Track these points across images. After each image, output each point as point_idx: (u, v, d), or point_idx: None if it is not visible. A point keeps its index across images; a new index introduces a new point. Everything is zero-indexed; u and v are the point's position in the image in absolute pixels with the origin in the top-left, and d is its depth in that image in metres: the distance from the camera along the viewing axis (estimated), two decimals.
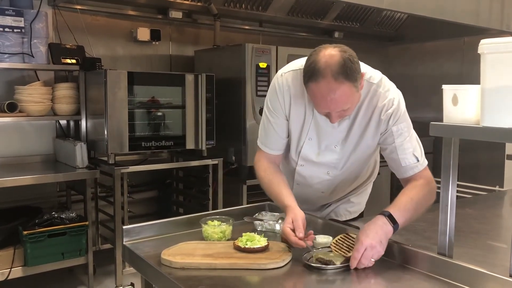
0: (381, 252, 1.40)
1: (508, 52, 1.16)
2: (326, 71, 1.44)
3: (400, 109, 1.64)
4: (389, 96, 1.64)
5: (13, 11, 3.14)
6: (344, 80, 1.45)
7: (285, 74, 1.71)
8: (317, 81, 1.46)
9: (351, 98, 1.51)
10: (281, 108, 1.71)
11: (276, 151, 1.79)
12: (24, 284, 3.27)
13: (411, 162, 1.63)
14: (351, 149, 1.71)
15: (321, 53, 1.48)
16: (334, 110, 1.53)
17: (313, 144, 1.73)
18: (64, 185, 3.65)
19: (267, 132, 1.77)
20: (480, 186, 4.88)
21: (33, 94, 3.28)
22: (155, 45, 4.09)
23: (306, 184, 1.85)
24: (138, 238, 1.63)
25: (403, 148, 1.62)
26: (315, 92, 1.50)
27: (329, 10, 4.68)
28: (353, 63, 1.47)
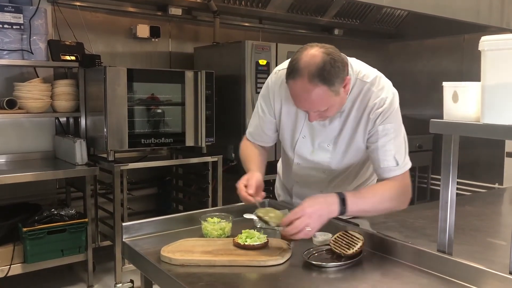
0: (317, 227, 1.43)
1: (508, 49, 1.16)
2: (303, 71, 1.45)
3: (390, 109, 1.62)
4: (381, 95, 1.61)
5: (12, 7, 3.13)
6: (319, 83, 1.45)
7: (279, 71, 1.73)
8: (294, 79, 1.48)
9: (326, 101, 1.50)
10: (271, 105, 1.75)
11: (262, 143, 1.86)
12: (24, 281, 3.27)
13: (390, 164, 1.59)
14: (343, 149, 1.70)
15: (305, 52, 1.48)
16: (309, 110, 1.55)
17: (307, 142, 1.74)
18: (63, 182, 3.65)
19: (255, 125, 1.84)
20: (480, 184, 4.90)
21: (32, 91, 3.28)
22: (154, 42, 4.08)
23: (304, 182, 1.85)
24: (137, 235, 1.63)
25: (385, 149, 1.60)
26: (291, 89, 1.52)
27: (329, 7, 4.68)
28: (333, 67, 1.45)
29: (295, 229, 1.40)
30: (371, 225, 1.80)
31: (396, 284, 1.28)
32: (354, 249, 1.40)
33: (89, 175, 3.29)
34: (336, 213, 1.47)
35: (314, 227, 1.42)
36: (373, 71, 1.68)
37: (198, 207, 3.60)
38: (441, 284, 1.27)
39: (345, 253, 1.40)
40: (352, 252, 1.39)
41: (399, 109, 1.66)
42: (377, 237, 1.51)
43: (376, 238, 1.51)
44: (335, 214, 1.47)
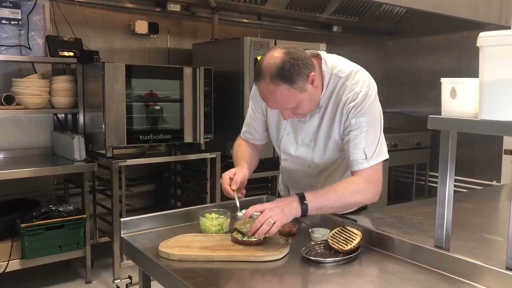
0: (282, 219, 1.44)
1: (506, 45, 1.16)
2: (265, 73, 1.51)
3: (363, 103, 1.62)
4: (355, 89, 1.63)
5: (10, 2, 3.12)
6: (281, 82, 1.50)
7: None
8: (259, 82, 1.54)
9: (292, 99, 1.54)
10: (258, 105, 1.84)
11: (255, 141, 1.92)
12: (22, 277, 3.27)
13: (358, 157, 1.61)
14: (323, 143, 1.73)
15: (267, 55, 1.54)
16: (278, 109, 1.62)
17: (290, 139, 1.80)
18: (61, 178, 3.65)
19: (247, 123, 1.92)
20: (477, 181, 4.91)
21: (30, 86, 3.27)
22: (153, 38, 4.08)
23: (294, 178, 1.91)
24: (135, 230, 1.63)
25: (355, 142, 1.62)
26: (259, 92, 1.59)
27: (328, 4, 4.67)
28: (292, 66, 1.49)
29: (258, 222, 1.41)
30: (368, 221, 1.81)
31: (394, 279, 1.29)
32: (352, 244, 1.41)
33: (87, 171, 3.29)
34: (298, 210, 1.49)
35: (277, 219, 1.43)
36: (350, 66, 1.71)
37: (197, 203, 3.59)
38: (438, 280, 1.27)
39: (343, 249, 1.40)
40: (350, 248, 1.40)
41: (376, 103, 1.67)
42: (375, 233, 1.51)
43: (374, 234, 1.51)
44: (297, 210, 1.49)
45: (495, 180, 4.78)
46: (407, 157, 5.13)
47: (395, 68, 5.84)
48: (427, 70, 5.46)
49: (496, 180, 4.79)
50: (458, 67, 5.09)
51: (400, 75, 5.78)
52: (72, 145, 3.27)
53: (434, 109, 1.33)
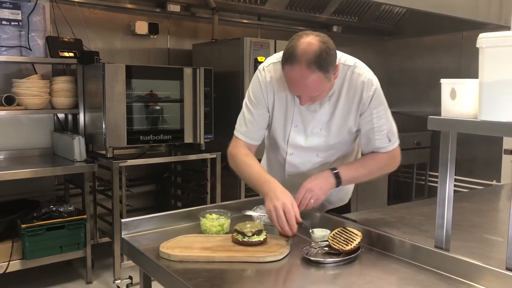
0: (321, 197, 1.63)
1: (506, 46, 1.16)
2: (302, 58, 1.53)
3: (378, 90, 1.73)
4: (367, 76, 1.72)
5: (10, 3, 3.13)
6: (316, 70, 1.54)
7: (266, 67, 1.80)
8: (292, 65, 1.55)
9: (320, 87, 1.60)
10: (263, 100, 1.80)
11: (255, 141, 1.86)
12: (23, 278, 3.27)
13: (384, 143, 1.76)
14: (337, 131, 1.78)
15: (301, 39, 1.56)
16: (302, 94, 1.63)
17: (299, 131, 1.80)
18: (62, 179, 3.65)
19: (248, 122, 1.84)
20: (477, 181, 4.91)
21: (31, 87, 3.27)
22: (153, 38, 4.08)
23: (297, 173, 1.88)
24: (136, 231, 1.63)
25: (380, 130, 1.74)
26: (288, 75, 1.59)
27: (328, 4, 4.67)
28: (328, 55, 1.55)
29: (302, 205, 1.57)
30: (368, 221, 1.81)
31: (394, 280, 1.29)
32: (352, 245, 1.41)
33: (87, 172, 3.29)
34: (333, 183, 1.66)
35: (319, 197, 1.61)
36: (351, 57, 1.79)
37: (197, 203, 3.59)
38: (438, 280, 1.27)
39: (343, 249, 1.41)
40: (350, 248, 1.40)
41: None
42: (375, 233, 1.51)
43: (374, 234, 1.51)
44: (333, 184, 1.66)
45: (495, 180, 4.79)
46: (407, 157, 5.08)
47: (395, 68, 5.84)
48: (427, 70, 5.46)
49: (496, 180, 4.79)
50: (458, 67, 5.10)
51: (400, 75, 5.78)
52: (73, 146, 3.28)
53: (434, 109, 1.34)
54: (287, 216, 1.50)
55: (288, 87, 1.66)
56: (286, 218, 1.50)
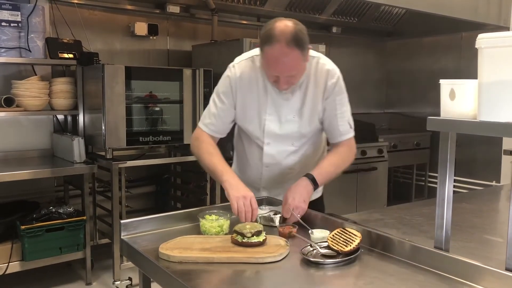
0: (305, 209, 1.71)
1: (505, 47, 1.17)
2: (281, 37, 1.64)
3: (340, 81, 1.87)
4: (330, 66, 1.87)
5: (10, 5, 3.13)
6: (295, 47, 1.65)
7: (237, 64, 1.92)
8: (272, 45, 1.66)
9: (298, 65, 1.72)
10: (231, 96, 1.89)
11: (217, 134, 1.95)
12: (22, 279, 3.27)
13: (346, 128, 1.90)
14: (308, 117, 1.88)
15: (277, 23, 1.69)
16: (283, 74, 1.71)
17: (274, 119, 1.89)
18: (61, 180, 3.65)
19: (213, 116, 1.93)
20: (477, 181, 4.91)
21: (30, 88, 3.27)
22: (152, 39, 4.08)
23: (274, 162, 1.96)
24: (135, 232, 1.63)
25: (342, 116, 1.89)
26: (269, 54, 1.69)
27: (327, 5, 4.68)
28: (303, 35, 1.69)
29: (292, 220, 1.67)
30: (368, 222, 1.81)
31: (393, 280, 1.29)
32: (352, 246, 1.41)
33: (87, 173, 3.29)
34: (312, 190, 1.77)
35: (304, 209, 1.71)
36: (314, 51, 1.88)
37: (197, 204, 3.59)
38: (438, 281, 1.27)
39: (342, 250, 1.40)
40: (349, 249, 1.40)
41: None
42: (375, 234, 1.51)
43: (374, 235, 1.51)
44: (311, 190, 1.77)
45: (494, 181, 4.79)
46: (406, 157, 5.14)
47: (394, 69, 5.84)
48: (426, 70, 5.46)
49: (495, 180, 4.79)
50: (457, 67, 5.10)
51: (399, 75, 5.79)
52: (72, 147, 3.27)
53: (434, 110, 1.34)
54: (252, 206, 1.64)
55: (268, 68, 1.73)
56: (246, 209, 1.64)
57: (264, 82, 1.85)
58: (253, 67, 1.86)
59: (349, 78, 6.34)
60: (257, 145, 1.96)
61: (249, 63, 1.88)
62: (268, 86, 1.84)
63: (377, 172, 4.61)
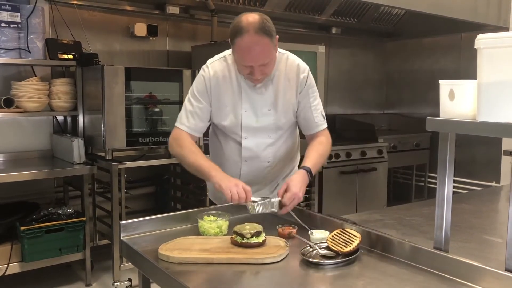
0: (301, 199, 1.76)
1: (504, 47, 1.17)
2: (249, 27, 1.73)
3: (310, 74, 1.97)
4: (299, 61, 1.97)
5: (9, 6, 3.13)
6: (264, 35, 1.74)
7: (210, 64, 1.99)
8: (242, 36, 1.74)
9: (269, 53, 1.79)
10: (207, 95, 1.94)
11: (196, 132, 1.99)
12: (22, 280, 3.27)
13: (320, 119, 2.00)
14: (283, 110, 1.95)
15: (243, 16, 1.78)
16: (256, 62, 1.77)
17: (250, 114, 1.95)
18: (61, 181, 3.65)
19: (190, 115, 1.97)
20: (477, 182, 4.91)
21: (30, 89, 3.27)
22: (152, 40, 4.08)
23: (253, 156, 2.00)
24: (135, 233, 1.63)
25: (316, 108, 1.99)
26: (240, 46, 1.76)
27: (327, 6, 4.68)
28: (269, 23, 1.78)
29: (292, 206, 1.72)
30: (367, 222, 1.81)
31: (393, 281, 1.29)
32: (351, 246, 1.41)
33: (87, 174, 3.29)
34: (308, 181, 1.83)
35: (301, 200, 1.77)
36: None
37: (196, 205, 3.60)
38: (438, 281, 1.27)
39: (342, 251, 1.40)
40: (349, 250, 1.40)
41: None
42: (374, 234, 1.51)
43: (373, 236, 1.51)
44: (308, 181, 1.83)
45: (494, 181, 4.79)
46: (406, 158, 5.14)
47: (394, 70, 5.85)
48: (426, 71, 5.46)
49: (495, 181, 4.79)
50: (457, 68, 5.10)
51: (399, 76, 5.79)
52: (72, 148, 3.27)
53: (433, 110, 1.34)
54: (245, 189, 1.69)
55: (241, 60, 1.80)
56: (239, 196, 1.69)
57: (238, 79, 1.91)
58: (226, 65, 1.94)
59: (349, 78, 6.38)
60: (234, 141, 2.01)
61: (222, 63, 1.96)
62: (242, 82, 1.91)
63: (377, 173, 4.61)
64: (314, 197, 4.19)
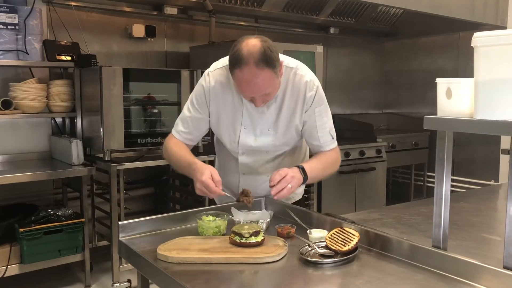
0: (294, 187, 1.68)
1: (501, 45, 1.17)
2: (249, 58, 1.60)
3: (319, 92, 1.84)
4: (309, 77, 1.83)
5: (7, 7, 3.13)
6: (265, 67, 1.61)
7: (211, 72, 1.86)
8: (241, 68, 1.62)
9: (272, 83, 1.68)
10: (206, 106, 1.86)
11: (190, 141, 1.94)
12: (21, 282, 3.27)
13: (327, 139, 1.88)
14: (283, 130, 1.86)
15: (243, 43, 1.64)
16: (257, 94, 1.69)
17: (249, 132, 1.87)
18: (60, 182, 3.64)
19: (186, 123, 1.92)
20: (476, 181, 4.92)
21: (28, 91, 3.27)
22: (150, 41, 4.08)
23: (250, 171, 1.95)
24: (134, 233, 1.63)
25: (323, 128, 1.86)
26: (240, 78, 1.65)
27: (325, 5, 4.68)
28: (272, 52, 1.63)
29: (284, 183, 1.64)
30: (366, 221, 1.82)
31: (392, 279, 1.29)
32: (350, 245, 1.41)
33: (85, 175, 3.29)
34: (301, 180, 1.73)
35: (293, 186, 1.67)
36: (294, 60, 1.86)
37: (195, 206, 3.58)
38: (436, 280, 1.27)
39: (341, 250, 1.41)
40: (348, 249, 1.40)
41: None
42: (373, 233, 1.52)
43: (372, 235, 1.51)
44: (301, 181, 1.73)
45: (493, 180, 4.79)
46: (405, 157, 5.14)
47: (392, 69, 5.85)
48: (424, 70, 5.47)
49: (494, 179, 4.80)
50: (455, 67, 5.11)
51: (397, 76, 5.79)
52: (70, 149, 3.27)
53: (432, 110, 1.34)
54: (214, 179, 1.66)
55: (241, 91, 1.71)
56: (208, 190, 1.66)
57: (239, 94, 1.80)
58: (227, 76, 1.80)
59: (347, 78, 6.40)
60: (232, 154, 1.96)
61: (224, 72, 1.82)
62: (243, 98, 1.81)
63: (376, 172, 4.61)
64: (313, 197, 4.19)
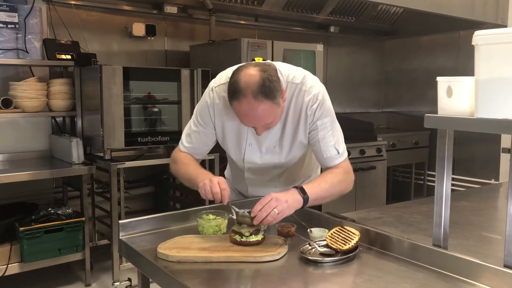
0: (286, 211, 1.51)
1: (501, 43, 1.17)
2: (247, 90, 1.52)
3: (323, 104, 1.73)
4: (313, 91, 1.72)
5: (7, 6, 3.13)
6: (264, 99, 1.53)
7: (216, 88, 1.78)
8: (239, 100, 1.54)
9: (272, 114, 1.60)
10: (210, 121, 1.81)
11: (197, 155, 1.89)
12: (21, 281, 3.27)
13: (332, 154, 1.75)
14: (288, 147, 1.80)
15: (242, 73, 1.55)
16: (256, 125, 1.64)
17: (254, 149, 1.82)
18: (60, 181, 3.64)
19: (192, 139, 1.87)
20: (476, 180, 4.92)
21: (28, 90, 3.27)
22: (150, 40, 4.08)
23: (258, 183, 1.93)
24: (134, 232, 1.63)
25: (325, 141, 1.74)
26: (238, 110, 1.58)
27: (325, 4, 4.68)
28: (271, 82, 1.54)
29: (265, 211, 1.47)
30: (366, 220, 1.81)
31: (392, 278, 1.29)
32: (350, 244, 1.41)
33: (85, 174, 3.29)
34: (300, 202, 1.57)
35: (281, 210, 1.50)
36: (300, 71, 1.77)
37: (196, 205, 3.58)
38: (437, 278, 1.27)
39: (341, 248, 1.41)
40: (348, 247, 1.40)
41: (330, 102, 1.78)
42: (373, 232, 1.52)
43: (372, 233, 1.51)
44: (299, 202, 1.57)
45: (493, 179, 4.79)
46: (405, 156, 5.14)
47: (392, 68, 5.85)
48: (424, 69, 5.47)
49: (494, 178, 4.79)
50: (455, 66, 5.11)
51: (397, 74, 5.79)
52: (70, 148, 3.27)
53: (432, 108, 1.34)
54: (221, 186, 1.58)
55: (241, 121, 1.65)
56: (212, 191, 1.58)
57: None
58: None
59: (347, 77, 6.40)
60: (239, 167, 1.93)
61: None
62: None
63: (376, 171, 4.61)
64: None
